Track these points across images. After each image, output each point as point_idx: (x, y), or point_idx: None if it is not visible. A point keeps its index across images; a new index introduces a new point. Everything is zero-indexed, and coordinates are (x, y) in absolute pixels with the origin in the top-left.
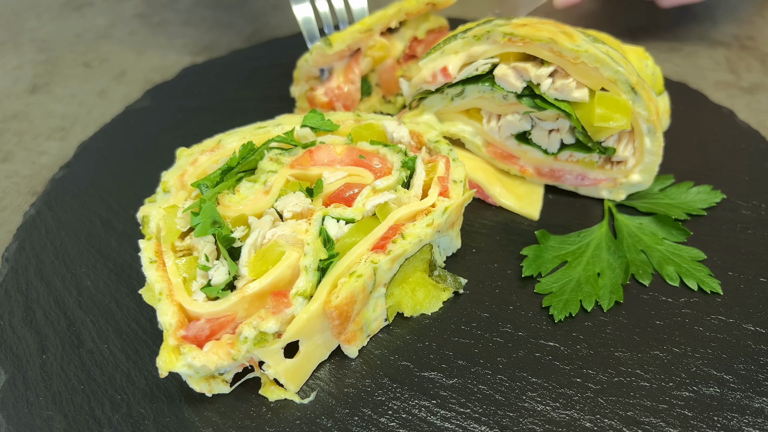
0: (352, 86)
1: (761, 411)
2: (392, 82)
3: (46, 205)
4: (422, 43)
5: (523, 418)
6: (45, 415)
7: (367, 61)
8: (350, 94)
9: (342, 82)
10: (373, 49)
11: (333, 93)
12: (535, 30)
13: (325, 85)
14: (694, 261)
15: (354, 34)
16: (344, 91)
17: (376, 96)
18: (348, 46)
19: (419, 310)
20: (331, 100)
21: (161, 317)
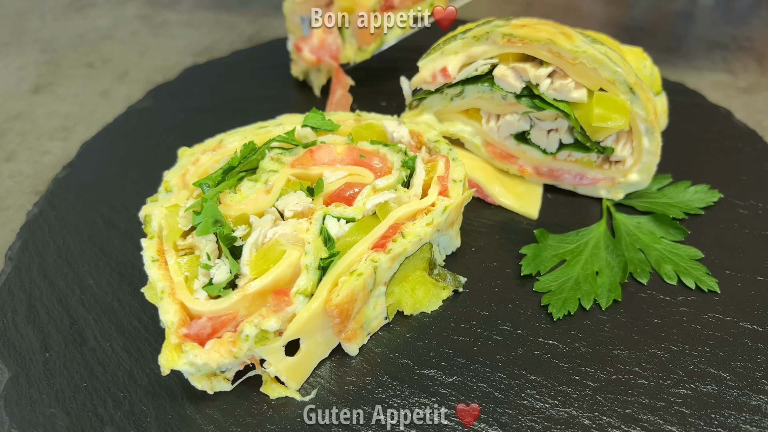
0: (330, 35)
1: (758, 408)
2: (366, 32)
3: (49, 204)
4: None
5: (522, 415)
6: (48, 413)
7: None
8: (331, 43)
9: (321, 33)
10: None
11: (316, 49)
12: (534, 31)
13: (308, 44)
14: (692, 260)
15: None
16: (326, 42)
17: (351, 47)
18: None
19: (419, 308)
20: (318, 58)
21: (163, 315)
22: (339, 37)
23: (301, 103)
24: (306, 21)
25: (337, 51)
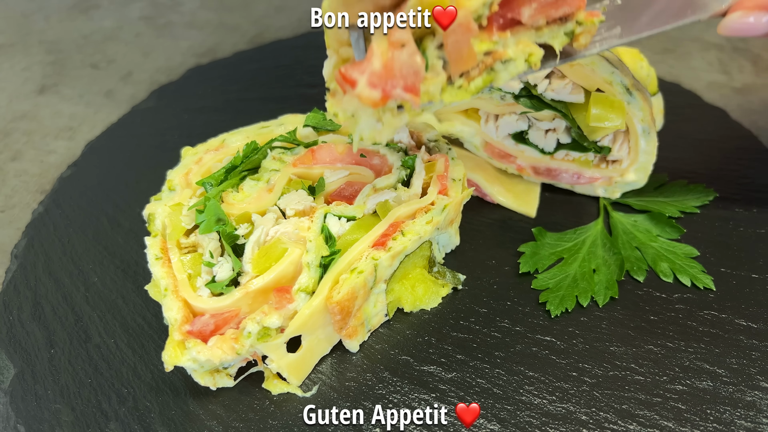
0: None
1: (753, 404)
2: (465, 53)
3: (54, 203)
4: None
5: (520, 411)
6: (53, 409)
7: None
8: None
9: (386, 52)
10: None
11: (381, 78)
12: None
13: (365, 70)
14: (688, 258)
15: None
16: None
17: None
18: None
19: (419, 305)
20: (386, 92)
21: (167, 312)
22: (418, 54)
23: (303, 103)
24: (361, 35)
25: (416, 79)
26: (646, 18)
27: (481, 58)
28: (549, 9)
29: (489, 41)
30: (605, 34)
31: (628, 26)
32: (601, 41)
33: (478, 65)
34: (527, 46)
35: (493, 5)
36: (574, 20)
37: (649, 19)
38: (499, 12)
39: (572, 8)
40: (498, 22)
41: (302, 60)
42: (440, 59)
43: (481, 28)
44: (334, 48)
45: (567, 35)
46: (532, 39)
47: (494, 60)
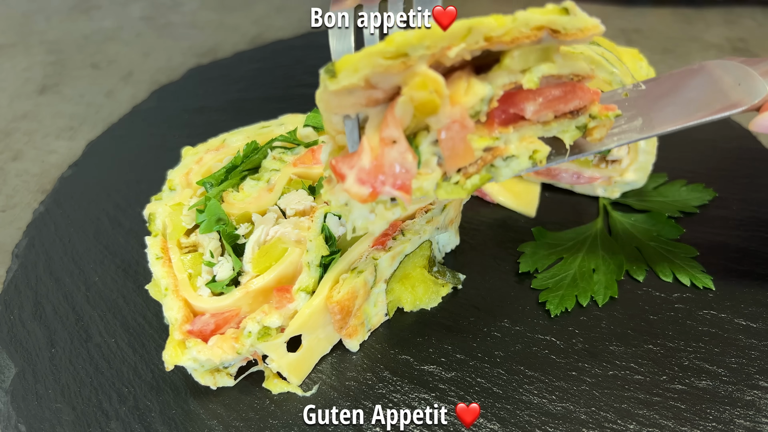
0: (395, 149)
1: (752, 403)
2: (461, 149)
3: (55, 202)
4: (534, 98)
5: (520, 410)
6: (54, 408)
7: (405, 107)
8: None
9: (376, 147)
10: (412, 86)
11: (371, 175)
12: None
13: (354, 165)
14: (687, 257)
15: (373, 58)
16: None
17: (429, 173)
18: (366, 80)
19: (419, 305)
20: (375, 188)
21: (167, 312)
22: (410, 152)
23: (303, 103)
24: (355, 125)
25: (407, 177)
26: (671, 110)
27: (480, 154)
28: (557, 103)
29: (489, 137)
30: (625, 127)
31: (651, 118)
32: (620, 134)
33: (477, 161)
34: (532, 142)
35: (492, 101)
36: (587, 114)
37: (675, 112)
38: (501, 107)
39: (584, 102)
40: (499, 116)
41: (302, 60)
42: (435, 155)
43: (481, 123)
44: (330, 135)
45: (579, 129)
46: (539, 133)
47: (494, 156)
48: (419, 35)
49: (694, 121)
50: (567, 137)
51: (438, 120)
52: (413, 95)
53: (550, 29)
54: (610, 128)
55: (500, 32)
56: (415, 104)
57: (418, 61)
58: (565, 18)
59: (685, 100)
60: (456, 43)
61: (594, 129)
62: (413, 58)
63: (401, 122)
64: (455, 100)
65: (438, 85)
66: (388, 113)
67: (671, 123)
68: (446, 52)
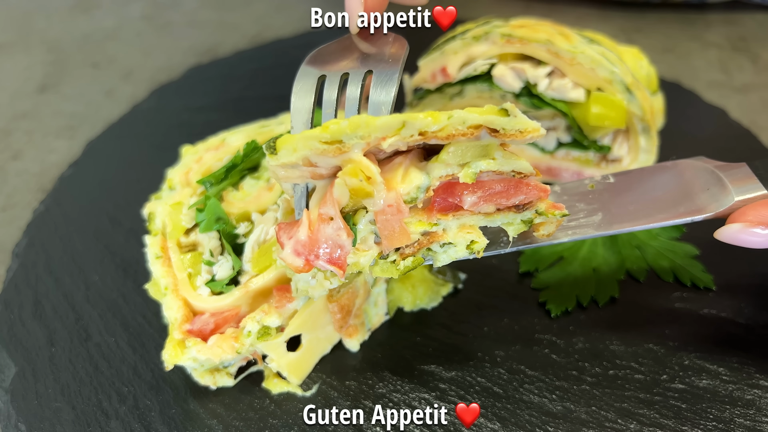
0: (331, 227)
1: (753, 402)
2: (397, 232)
3: (54, 202)
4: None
5: (520, 410)
6: (54, 407)
7: (340, 189)
8: (332, 240)
9: (314, 222)
10: (345, 171)
11: (305, 248)
12: (533, 31)
13: (292, 236)
14: (688, 257)
15: (310, 141)
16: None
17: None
18: (305, 158)
19: (419, 304)
20: (308, 261)
21: (167, 311)
22: (345, 230)
23: None
24: (303, 194)
25: (342, 253)
26: (634, 208)
27: (418, 237)
28: (497, 198)
29: (427, 222)
30: (582, 221)
31: (612, 215)
32: (576, 228)
33: (414, 244)
34: (471, 231)
35: (428, 191)
36: (533, 209)
37: (638, 212)
38: (440, 195)
39: (530, 197)
40: (439, 204)
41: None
42: (372, 233)
43: (419, 208)
44: (285, 198)
45: (525, 223)
46: (481, 223)
47: (431, 241)
48: (353, 125)
49: (655, 223)
50: (511, 230)
51: (373, 203)
52: (347, 180)
53: (488, 128)
54: (559, 225)
55: (435, 129)
56: (349, 188)
57: (353, 147)
58: (504, 119)
59: (650, 199)
60: (390, 135)
61: (540, 225)
62: (347, 146)
63: (338, 202)
64: (391, 185)
65: (371, 173)
66: (327, 191)
67: (631, 223)
68: (381, 142)
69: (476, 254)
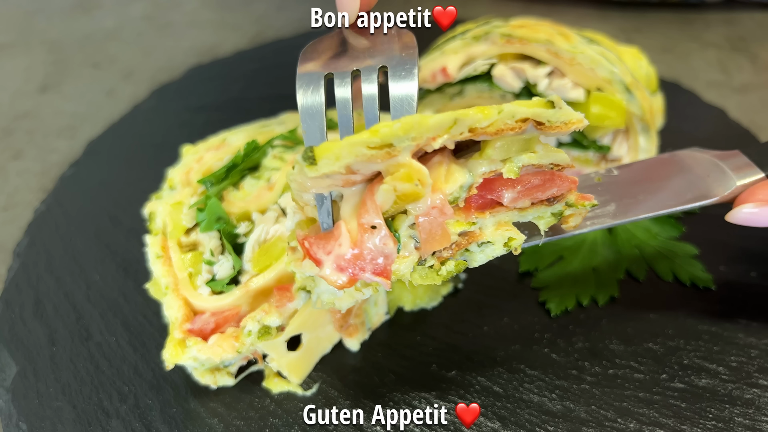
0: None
1: (752, 402)
2: (438, 234)
3: (56, 201)
4: (513, 186)
5: (520, 409)
6: (54, 406)
7: (386, 195)
8: (378, 250)
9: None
10: (395, 176)
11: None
12: (533, 31)
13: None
14: (687, 256)
15: (357, 148)
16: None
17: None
18: (347, 167)
19: (419, 304)
20: (354, 276)
21: (167, 311)
22: (391, 238)
23: None
24: (326, 202)
25: (387, 262)
26: (644, 197)
27: (456, 238)
28: (535, 191)
29: (465, 222)
30: (598, 212)
31: (625, 204)
32: (594, 219)
33: (452, 246)
34: (507, 229)
35: (471, 189)
36: (564, 202)
37: (648, 200)
38: (479, 193)
39: (562, 190)
40: (477, 202)
41: None
42: (412, 238)
43: (458, 208)
44: (298, 205)
45: (555, 216)
46: (515, 219)
47: (470, 241)
48: (405, 126)
49: (667, 209)
50: (542, 223)
51: (417, 206)
52: (397, 186)
53: (535, 121)
54: (585, 216)
55: (485, 124)
56: (397, 194)
57: (403, 150)
58: (550, 111)
59: (657, 188)
60: (441, 134)
61: (569, 217)
62: (398, 149)
63: (382, 207)
64: (435, 186)
65: (423, 176)
66: (367, 199)
67: (644, 210)
68: (431, 142)
69: (513, 251)
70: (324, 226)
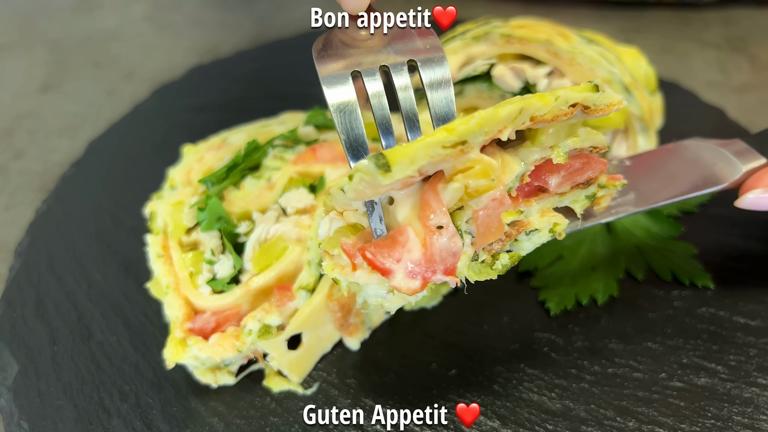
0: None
1: (750, 401)
2: (494, 226)
3: (57, 201)
4: (558, 171)
5: (520, 408)
6: (56, 405)
7: (455, 193)
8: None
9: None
10: (469, 174)
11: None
12: (532, 31)
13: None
14: (686, 256)
15: (432, 149)
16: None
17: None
18: (420, 171)
19: (419, 303)
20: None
21: (168, 310)
22: (458, 236)
23: (304, 101)
24: (377, 208)
25: (455, 260)
26: (658, 186)
27: (507, 229)
28: (575, 175)
29: (514, 211)
30: (620, 200)
31: (642, 193)
32: (617, 207)
33: (503, 238)
34: (552, 216)
35: (524, 178)
36: (596, 183)
37: (662, 188)
38: (526, 186)
39: (596, 173)
40: (523, 190)
41: (303, 59)
42: (468, 233)
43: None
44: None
45: (588, 198)
46: (555, 204)
47: (519, 231)
48: (481, 121)
49: (681, 196)
50: (578, 207)
51: (479, 201)
52: (470, 182)
53: (583, 106)
54: (613, 197)
55: (544, 111)
56: (468, 190)
57: (476, 146)
58: (596, 95)
59: (668, 176)
60: (509, 125)
61: (601, 198)
62: (471, 145)
63: (447, 206)
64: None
65: (495, 171)
66: (430, 200)
67: (661, 197)
68: (498, 135)
69: (558, 236)
70: (378, 233)
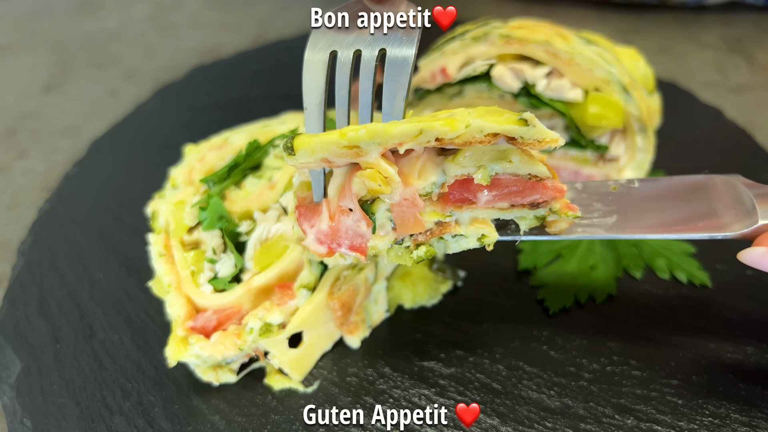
0: (351, 218)
1: (748, 399)
2: (411, 222)
3: (59, 200)
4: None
5: (519, 406)
6: (58, 403)
7: (356, 185)
8: (352, 230)
9: (334, 213)
10: (364, 174)
11: (328, 237)
12: (531, 32)
13: (314, 226)
14: (684, 254)
15: (328, 146)
16: (342, 228)
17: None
18: (324, 159)
19: (419, 301)
20: (331, 249)
21: (170, 309)
22: (365, 220)
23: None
24: (320, 178)
25: (362, 240)
26: (651, 216)
27: (431, 226)
28: (513, 196)
29: (440, 213)
30: (595, 221)
31: (627, 219)
32: (587, 227)
33: (428, 232)
34: (482, 226)
35: (444, 187)
36: (548, 207)
37: (654, 220)
38: (455, 189)
39: (546, 197)
40: (453, 197)
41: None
42: (390, 220)
43: (433, 200)
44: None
45: (538, 219)
46: (495, 215)
47: (444, 231)
48: (370, 133)
49: (668, 234)
50: (524, 224)
51: (390, 197)
52: (365, 182)
53: (506, 137)
54: (570, 224)
55: (452, 136)
56: (366, 187)
57: (371, 151)
58: (522, 129)
59: (670, 209)
60: (407, 141)
61: (553, 223)
62: (365, 150)
63: (357, 195)
64: (408, 181)
65: (389, 174)
66: (345, 184)
67: (643, 230)
68: (397, 147)
69: (487, 247)
70: (316, 197)
